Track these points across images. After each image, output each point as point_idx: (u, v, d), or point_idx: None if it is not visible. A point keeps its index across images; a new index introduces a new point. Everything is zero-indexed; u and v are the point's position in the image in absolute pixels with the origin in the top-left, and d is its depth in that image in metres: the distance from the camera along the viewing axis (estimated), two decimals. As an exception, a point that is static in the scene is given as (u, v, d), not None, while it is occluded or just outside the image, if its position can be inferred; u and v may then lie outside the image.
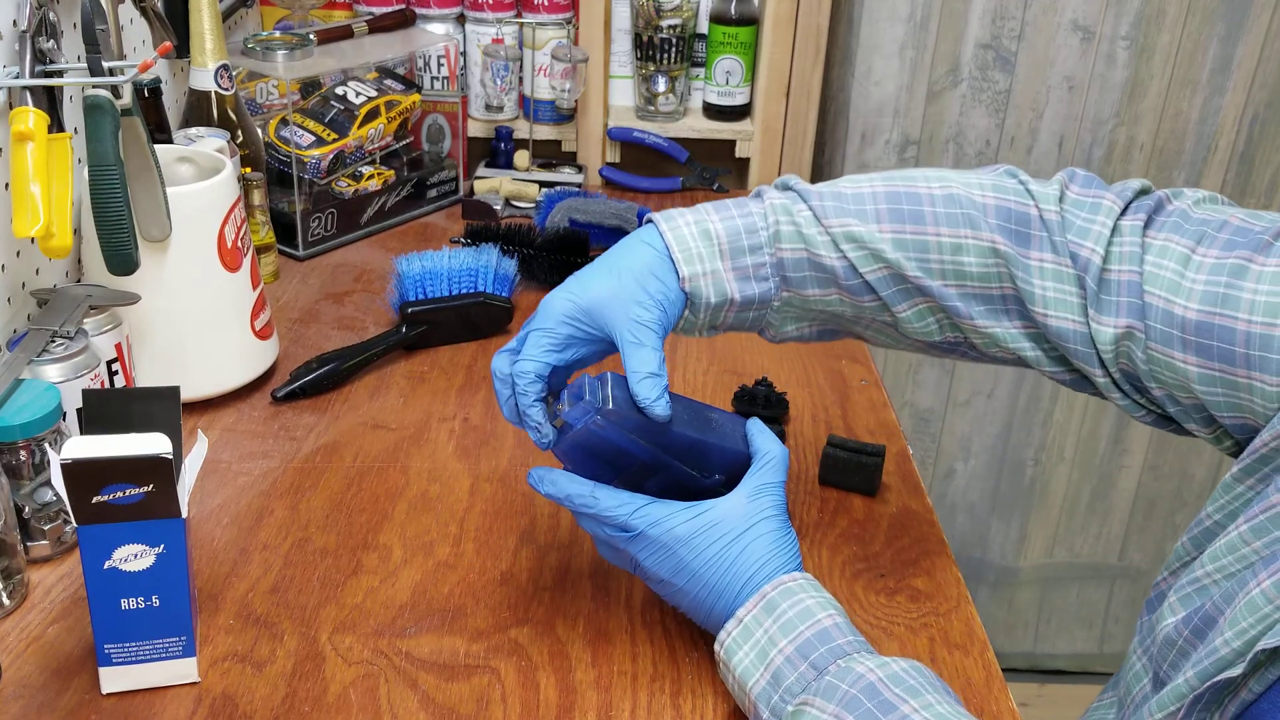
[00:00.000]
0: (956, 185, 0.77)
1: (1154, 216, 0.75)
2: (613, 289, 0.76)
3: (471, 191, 1.55)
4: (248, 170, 1.26)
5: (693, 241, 0.77)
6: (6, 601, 0.82)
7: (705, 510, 0.75)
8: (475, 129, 1.61)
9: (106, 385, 0.94)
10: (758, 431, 0.81)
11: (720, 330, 0.82)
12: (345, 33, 1.48)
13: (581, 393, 0.76)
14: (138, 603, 0.73)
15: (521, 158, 1.60)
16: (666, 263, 0.77)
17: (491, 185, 1.54)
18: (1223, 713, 0.64)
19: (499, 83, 1.57)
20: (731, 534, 0.75)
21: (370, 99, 1.43)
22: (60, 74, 0.95)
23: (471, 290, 1.20)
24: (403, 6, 1.55)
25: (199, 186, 1.02)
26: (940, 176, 0.78)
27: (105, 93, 0.91)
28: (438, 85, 1.56)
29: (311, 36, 1.39)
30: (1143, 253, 0.73)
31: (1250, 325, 0.68)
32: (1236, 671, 0.62)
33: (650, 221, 0.80)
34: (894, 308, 0.78)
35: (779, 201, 0.78)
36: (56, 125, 0.94)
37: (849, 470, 0.99)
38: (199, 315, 1.03)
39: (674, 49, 1.57)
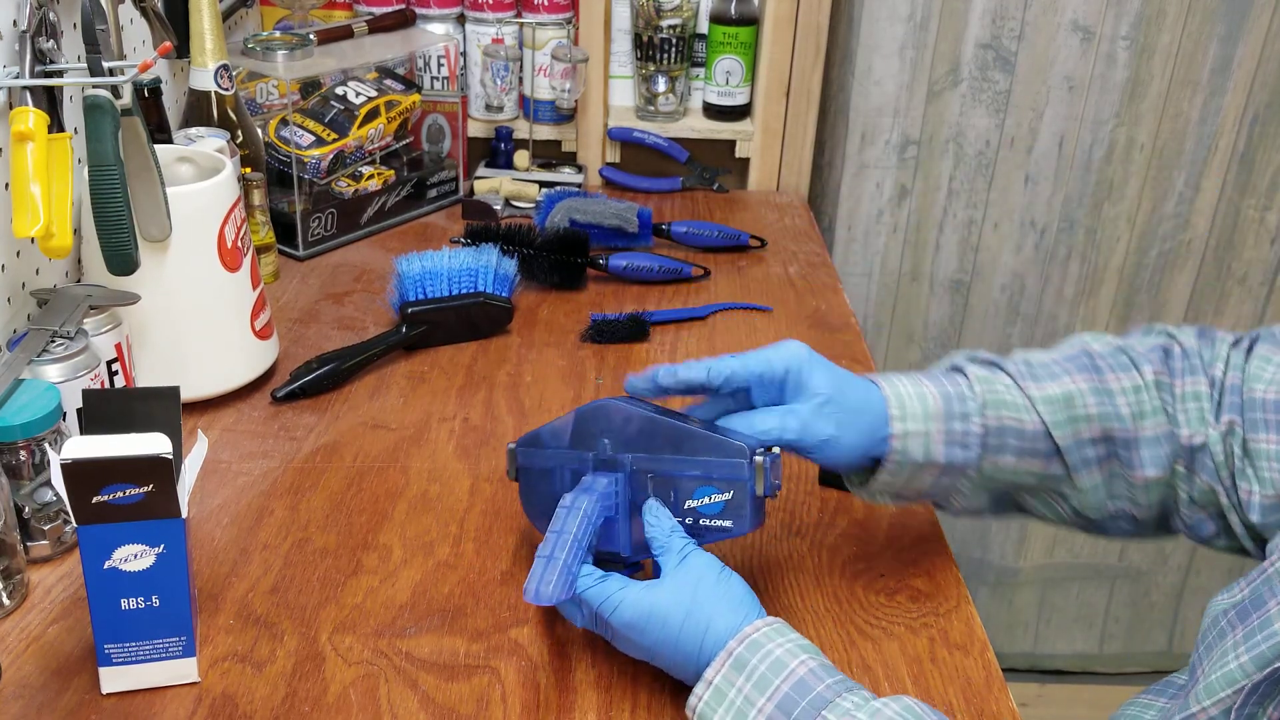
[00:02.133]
0: (1116, 341, 0.85)
1: (1255, 340, 0.82)
2: (824, 406, 0.79)
3: (471, 191, 1.55)
4: (248, 170, 1.26)
5: (910, 401, 0.80)
6: (6, 601, 0.82)
7: (647, 597, 0.74)
8: (475, 129, 1.61)
9: (106, 385, 0.94)
10: (651, 517, 0.79)
11: (904, 500, 0.84)
12: (345, 33, 1.48)
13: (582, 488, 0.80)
14: (138, 603, 0.73)
15: (521, 158, 1.60)
16: (870, 410, 0.80)
17: (491, 185, 1.54)
18: (1277, 705, 0.64)
19: (499, 83, 1.57)
20: (674, 613, 0.73)
21: (370, 99, 1.43)
22: (60, 74, 0.95)
23: (471, 290, 1.20)
24: (403, 6, 1.55)
25: (199, 186, 1.02)
26: (1098, 337, 0.85)
27: (105, 93, 0.91)
28: (438, 85, 1.56)
29: (311, 36, 1.39)
30: (1245, 362, 0.80)
31: None
32: None
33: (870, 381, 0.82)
34: (1076, 474, 0.81)
35: (981, 373, 0.82)
36: (56, 125, 0.94)
37: (849, 470, 0.99)
38: (199, 315, 1.03)
39: (674, 49, 1.57)
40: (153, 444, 0.69)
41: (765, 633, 0.71)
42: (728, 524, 0.78)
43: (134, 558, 0.72)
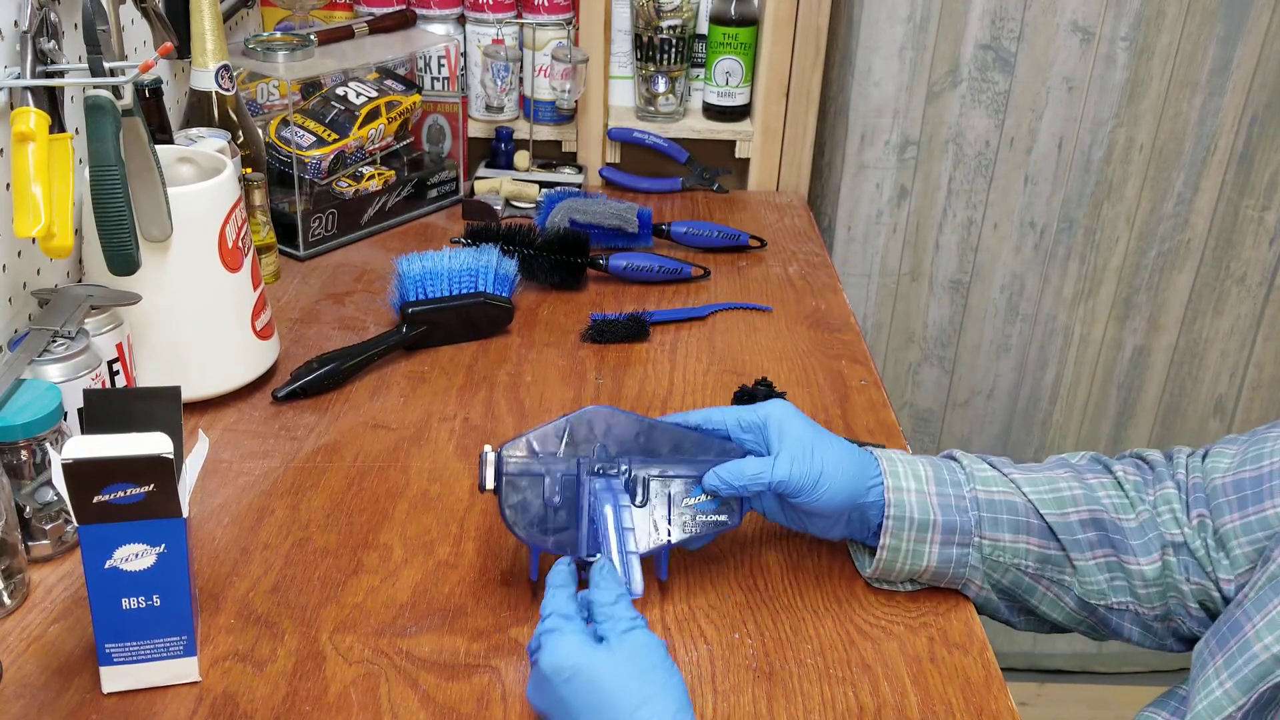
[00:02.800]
0: (1090, 454, 0.89)
1: (1209, 449, 0.86)
2: (808, 447, 0.82)
3: (472, 192, 1.55)
4: (248, 170, 1.26)
5: (899, 464, 0.84)
6: (8, 601, 0.82)
7: (583, 651, 0.67)
8: (475, 129, 1.61)
9: (107, 385, 0.94)
10: (600, 579, 0.74)
11: (922, 582, 0.87)
12: (346, 33, 1.48)
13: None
14: (139, 602, 0.73)
15: (522, 158, 1.60)
16: (860, 463, 0.83)
17: (492, 185, 1.54)
18: None
19: (499, 83, 1.57)
20: (610, 683, 0.66)
21: (371, 99, 1.43)
22: (61, 74, 0.95)
23: (472, 290, 1.20)
24: (403, 7, 1.55)
25: (200, 187, 1.02)
26: (1072, 454, 0.89)
27: (106, 93, 0.91)
28: (438, 86, 1.56)
29: (312, 37, 1.39)
30: (1203, 463, 0.84)
31: (1273, 465, 0.77)
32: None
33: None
34: (1073, 554, 0.82)
35: (964, 457, 0.87)
36: (58, 125, 0.94)
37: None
38: (200, 315, 1.03)
39: (674, 49, 1.58)
40: (153, 444, 0.69)
41: None
42: (724, 518, 0.85)
43: (135, 557, 0.72)
